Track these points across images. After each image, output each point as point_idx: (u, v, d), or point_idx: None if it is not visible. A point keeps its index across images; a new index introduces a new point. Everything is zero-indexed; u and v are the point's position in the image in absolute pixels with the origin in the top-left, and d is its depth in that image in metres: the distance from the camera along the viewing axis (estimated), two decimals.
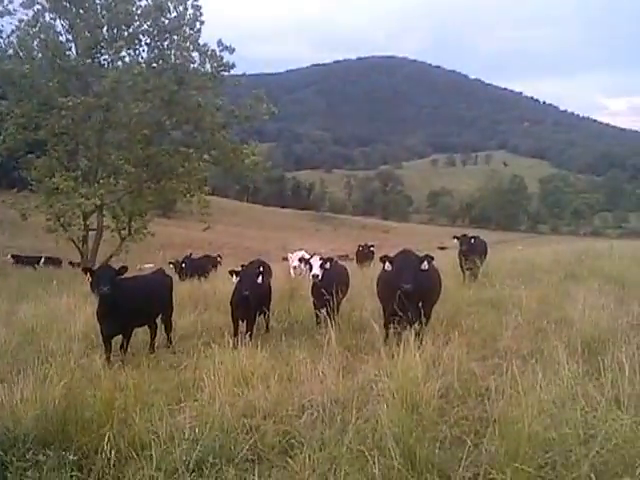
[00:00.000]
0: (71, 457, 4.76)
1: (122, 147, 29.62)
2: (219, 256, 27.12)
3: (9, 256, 38.97)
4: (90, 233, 29.47)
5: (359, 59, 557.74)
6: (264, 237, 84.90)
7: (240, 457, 4.75)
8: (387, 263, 8.31)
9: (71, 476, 4.60)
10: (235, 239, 75.83)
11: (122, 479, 4.64)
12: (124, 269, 9.27)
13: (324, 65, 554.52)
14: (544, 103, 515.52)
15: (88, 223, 29.14)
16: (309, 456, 4.51)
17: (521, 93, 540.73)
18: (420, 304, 7.75)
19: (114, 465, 4.74)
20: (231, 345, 7.99)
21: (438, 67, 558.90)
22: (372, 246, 26.02)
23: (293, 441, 5.01)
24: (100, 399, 5.73)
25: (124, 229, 30.33)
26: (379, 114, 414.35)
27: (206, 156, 29.37)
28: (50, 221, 28.15)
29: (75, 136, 29.04)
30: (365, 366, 6.76)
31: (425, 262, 8.15)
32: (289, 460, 4.68)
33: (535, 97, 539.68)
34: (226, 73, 29.92)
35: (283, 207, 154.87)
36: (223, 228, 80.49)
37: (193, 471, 4.50)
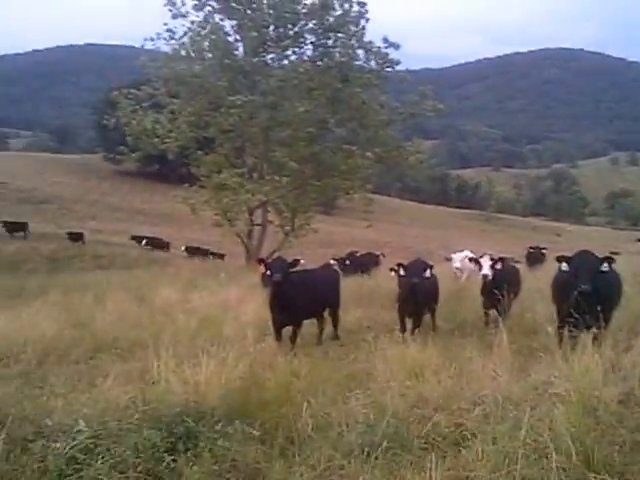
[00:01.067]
0: (255, 432, 5.16)
1: (287, 145, 30.27)
2: (382, 254, 27.25)
3: (183, 248, 42.09)
4: (255, 228, 30.66)
5: (530, 52, 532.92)
6: (426, 236, 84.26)
7: (414, 444, 4.85)
8: (564, 263, 8.00)
9: (256, 449, 4.98)
10: (396, 238, 75.85)
11: (302, 455, 4.92)
12: (296, 262, 9.64)
13: (492, 59, 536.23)
14: None
15: (253, 218, 30.35)
16: (482, 448, 4.54)
17: None
18: (599, 307, 7.40)
19: (294, 442, 5.04)
20: (400, 340, 8.10)
21: (619, 59, 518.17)
22: (544, 249, 24.75)
23: (466, 433, 5.05)
24: (278, 382, 6.13)
25: (287, 225, 31.35)
26: (552, 109, 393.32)
27: (369, 153, 29.40)
28: (218, 215, 29.67)
29: (242, 134, 30.34)
30: (538, 367, 6.58)
31: (605, 263, 7.75)
32: (462, 450, 4.75)
33: None
34: (390, 70, 29.92)
35: (446, 206, 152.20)
36: (384, 226, 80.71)
37: (368, 454, 4.67)
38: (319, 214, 42.61)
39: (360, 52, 29.63)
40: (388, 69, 29.65)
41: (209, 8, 29.32)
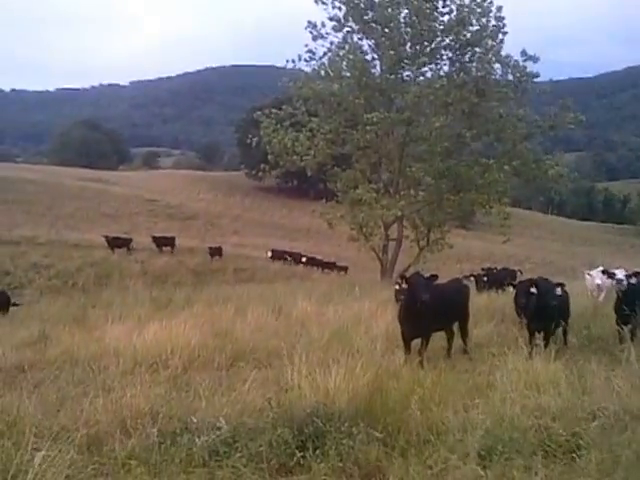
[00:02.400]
0: (377, 434, 5.55)
1: (422, 159, 30.25)
2: (519, 270, 26.61)
3: (304, 260, 43.20)
4: (390, 243, 30.84)
5: None
6: (570, 252, 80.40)
7: (528, 450, 5.01)
8: None
9: (378, 449, 5.37)
10: (537, 253, 72.93)
11: (420, 456, 5.23)
12: (435, 277, 9.82)
13: None
14: None
15: (388, 233, 30.54)
16: (595, 457, 4.62)
17: None
18: None
19: (414, 445, 5.35)
20: (525, 354, 8.14)
21: None
22: None
23: (581, 442, 5.13)
24: (401, 390, 6.47)
25: (423, 239, 31.32)
26: None
27: (507, 167, 28.68)
28: (353, 230, 30.25)
29: (378, 150, 30.77)
30: None
31: None
32: (575, 457, 4.85)
33: None
34: (529, 82, 29.21)
35: (593, 220, 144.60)
36: (524, 241, 78.02)
37: (484, 457, 4.89)
38: (456, 228, 42.02)
39: (497, 66, 29.06)
40: (526, 82, 28.90)
41: (348, 29, 30.01)
